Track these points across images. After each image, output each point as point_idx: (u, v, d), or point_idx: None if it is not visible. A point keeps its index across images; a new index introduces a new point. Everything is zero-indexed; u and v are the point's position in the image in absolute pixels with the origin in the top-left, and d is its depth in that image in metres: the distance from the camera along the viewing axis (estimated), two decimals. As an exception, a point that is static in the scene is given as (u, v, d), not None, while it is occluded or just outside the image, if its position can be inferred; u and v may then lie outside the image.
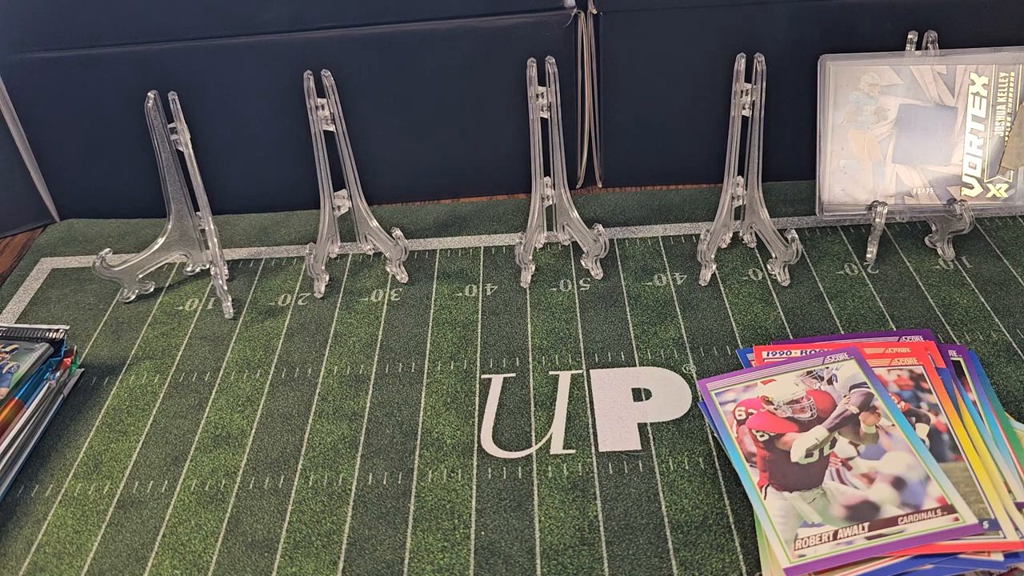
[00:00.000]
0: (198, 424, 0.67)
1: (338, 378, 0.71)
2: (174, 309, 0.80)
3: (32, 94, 0.88)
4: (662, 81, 0.88)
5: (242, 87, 0.88)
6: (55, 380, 0.69)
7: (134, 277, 0.81)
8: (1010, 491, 0.53)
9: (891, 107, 0.79)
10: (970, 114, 0.79)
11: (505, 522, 0.58)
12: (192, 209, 0.82)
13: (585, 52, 0.87)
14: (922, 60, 0.79)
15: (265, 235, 0.90)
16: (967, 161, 0.80)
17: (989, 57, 0.78)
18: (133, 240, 0.88)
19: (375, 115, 0.89)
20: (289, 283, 0.82)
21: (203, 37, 0.85)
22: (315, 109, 0.78)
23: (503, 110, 0.88)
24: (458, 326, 0.75)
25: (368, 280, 0.82)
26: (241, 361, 0.73)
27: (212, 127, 0.87)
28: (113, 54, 0.85)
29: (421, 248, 0.86)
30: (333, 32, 0.85)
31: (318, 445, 0.65)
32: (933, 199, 0.80)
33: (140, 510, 0.60)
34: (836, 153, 0.81)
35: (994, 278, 0.77)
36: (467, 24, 0.85)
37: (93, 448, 0.66)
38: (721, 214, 0.80)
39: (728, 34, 0.84)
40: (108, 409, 0.69)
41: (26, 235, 0.93)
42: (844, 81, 0.79)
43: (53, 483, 0.63)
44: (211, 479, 0.62)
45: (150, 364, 0.74)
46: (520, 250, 0.79)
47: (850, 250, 0.82)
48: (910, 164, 0.80)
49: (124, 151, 0.89)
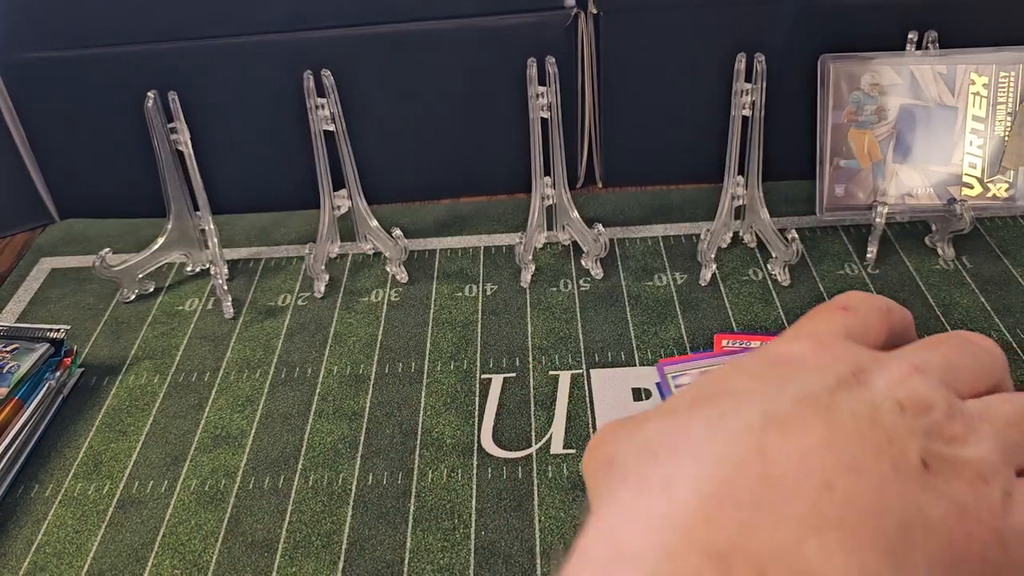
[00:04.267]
0: (198, 424, 0.67)
1: (338, 378, 0.71)
2: (174, 309, 0.80)
3: (32, 94, 0.88)
4: (662, 81, 0.88)
5: (242, 87, 0.88)
6: (55, 380, 0.69)
7: (134, 277, 0.81)
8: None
9: (891, 107, 0.79)
10: (970, 114, 0.79)
11: (505, 522, 0.58)
12: (192, 209, 0.82)
13: (585, 52, 0.87)
14: (922, 60, 0.79)
15: (265, 235, 0.90)
16: (967, 161, 0.80)
17: (989, 57, 0.78)
18: (133, 240, 0.88)
19: (375, 115, 0.89)
20: (289, 283, 0.82)
21: (203, 37, 0.85)
22: (315, 109, 0.78)
23: (503, 110, 0.88)
24: (458, 326, 0.75)
25: (368, 280, 0.82)
26: (241, 361, 0.73)
27: (212, 127, 0.87)
28: (113, 54, 0.85)
29: (421, 248, 0.86)
30: (333, 32, 0.85)
31: (318, 445, 0.65)
32: (933, 199, 0.80)
33: (140, 510, 0.60)
34: (836, 153, 0.81)
35: (994, 278, 0.77)
36: (467, 24, 0.85)
37: (93, 448, 0.66)
38: (721, 214, 0.80)
39: (728, 34, 0.84)
40: (108, 409, 0.69)
41: (26, 235, 0.93)
42: (844, 81, 0.79)
43: (53, 483, 0.63)
44: (211, 479, 0.62)
45: (150, 364, 0.73)
46: (520, 250, 0.79)
47: (850, 250, 0.82)
48: (910, 164, 0.80)
49: (124, 151, 0.89)
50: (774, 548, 0.21)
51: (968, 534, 0.24)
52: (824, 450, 0.24)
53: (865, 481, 0.23)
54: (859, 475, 0.23)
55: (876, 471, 0.24)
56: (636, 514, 0.24)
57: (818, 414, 0.25)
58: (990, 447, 0.26)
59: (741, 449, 0.24)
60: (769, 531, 0.21)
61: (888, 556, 0.22)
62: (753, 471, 0.23)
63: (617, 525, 0.24)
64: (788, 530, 0.21)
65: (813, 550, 0.21)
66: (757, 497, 0.22)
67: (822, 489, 0.23)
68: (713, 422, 0.25)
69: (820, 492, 0.22)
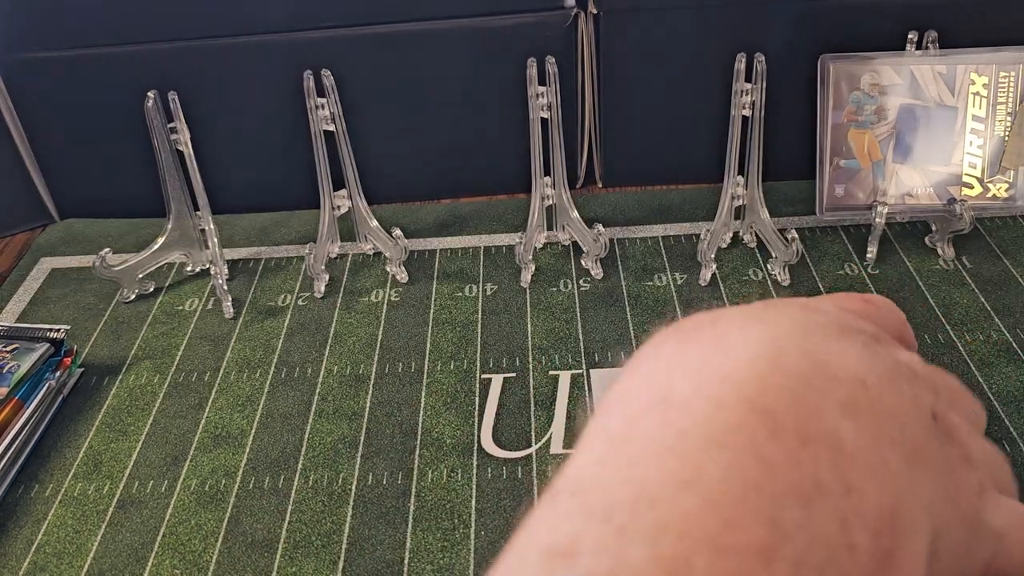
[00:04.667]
0: (198, 424, 0.67)
1: (338, 378, 0.71)
2: (174, 309, 0.80)
3: (32, 94, 0.88)
4: (662, 81, 0.88)
5: (242, 86, 0.87)
6: (55, 380, 0.68)
7: (134, 277, 0.81)
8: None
9: (891, 107, 0.79)
10: (970, 114, 0.79)
11: (505, 522, 0.58)
12: (192, 209, 0.82)
13: (585, 52, 0.87)
14: (922, 60, 0.78)
15: (265, 235, 0.90)
16: (967, 161, 0.80)
17: (989, 57, 0.78)
18: (133, 240, 0.88)
19: (375, 115, 0.89)
20: (289, 283, 0.82)
21: (203, 37, 0.85)
22: (315, 109, 0.78)
23: (503, 110, 0.88)
24: (458, 326, 0.75)
25: (368, 280, 0.82)
26: (241, 361, 0.73)
27: (212, 127, 0.87)
28: (113, 53, 0.85)
29: (421, 248, 0.86)
30: (333, 32, 0.85)
31: (318, 445, 0.65)
32: (933, 199, 0.80)
33: (140, 510, 0.60)
34: (836, 153, 0.81)
35: (994, 278, 0.77)
36: (467, 24, 0.85)
37: (93, 448, 0.66)
38: (721, 214, 0.80)
39: (728, 33, 0.84)
40: (108, 409, 0.69)
41: (26, 235, 0.93)
42: (844, 81, 0.79)
43: (53, 483, 0.63)
44: (211, 479, 0.62)
45: (150, 364, 0.73)
46: (520, 250, 0.79)
47: (850, 250, 0.82)
48: (910, 164, 0.80)
49: (124, 151, 0.89)
50: (817, 421, 0.21)
51: (957, 491, 0.24)
52: (858, 356, 0.25)
53: (891, 394, 0.24)
54: (888, 385, 0.24)
55: (900, 391, 0.24)
56: (685, 361, 0.24)
57: (856, 338, 0.26)
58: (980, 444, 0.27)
59: (787, 326, 0.25)
60: (814, 405, 0.21)
61: (907, 464, 0.22)
62: (799, 347, 0.24)
63: (663, 369, 0.24)
64: (830, 409, 0.22)
65: (849, 433, 0.21)
66: (805, 373, 0.22)
67: (857, 383, 0.23)
68: (757, 311, 0.26)
69: (855, 385, 0.23)
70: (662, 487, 0.20)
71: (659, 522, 0.19)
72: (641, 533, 0.19)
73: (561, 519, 0.22)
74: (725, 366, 0.23)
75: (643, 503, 0.20)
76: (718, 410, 0.21)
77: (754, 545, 0.18)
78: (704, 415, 0.21)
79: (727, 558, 0.18)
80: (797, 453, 0.20)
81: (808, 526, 0.19)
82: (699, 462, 0.20)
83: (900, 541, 0.20)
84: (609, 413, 0.24)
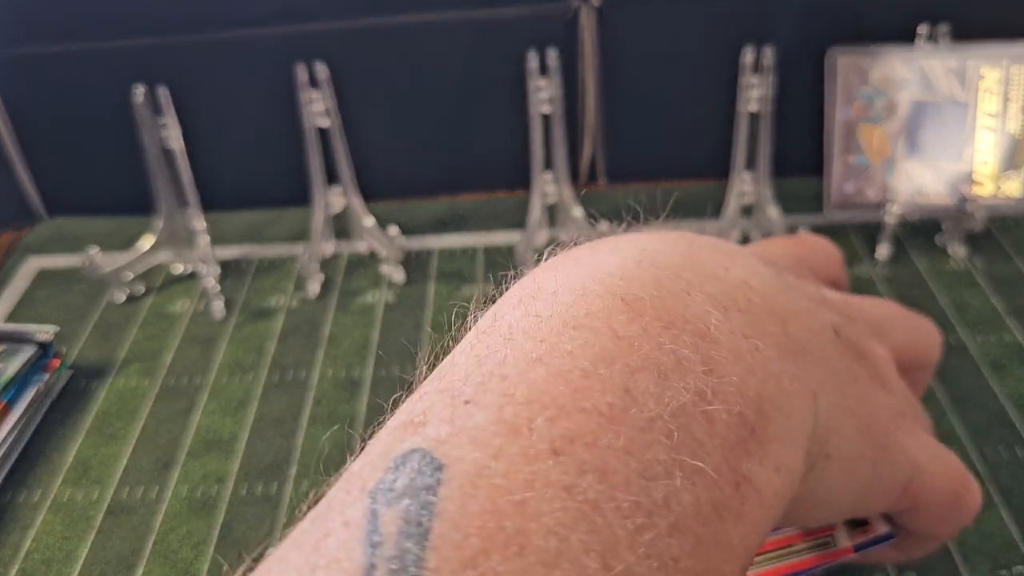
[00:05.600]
0: (189, 428, 0.66)
1: (332, 381, 0.69)
2: (164, 310, 0.78)
3: (18, 89, 0.86)
4: (667, 75, 0.86)
5: (234, 81, 0.86)
6: (43, 383, 0.67)
7: (123, 277, 0.79)
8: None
9: (902, 102, 0.78)
10: (982, 110, 0.77)
11: (505, 531, 0.56)
12: (182, 206, 0.80)
13: (587, 45, 0.85)
14: (934, 54, 0.77)
15: (257, 233, 0.88)
16: (979, 158, 0.78)
17: (1002, 51, 0.76)
18: (122, 238, 0.86)
19: (370, 109, 0.87)
20: (282, 283, 0.81)
21: (194, 30, 0.83)
22: (308, 103, 0.76)
23: (503, 104, 0.87)
24: (456, 327, 0.74)
25: (363, 280, 0.80)
26: (232, 363, 0.71)
27: (202, 122, 0.86)
28: (101, 48, 0.84)
29: (418, 247, 0.84)
30: (327, 24, 0.83)
31: (312, 450, 0.63)
32: (944, 197, 0.79)
33: (130, 516, 0.59)
34: (845, 149, 0.79)
35: (1007, 278, 0.75)
36: (466, 16, 0.83)
37: (82, 453, 0.64)
38: (728, 211, 0.79)
39: (735, 27, 0.82)
40: (97, 413, 0.67)
41: (12, 234, 0.92)
42: (854, 75, 0.77)
43: (41, 488, 0.61)
44: (202, 485, 0.61)
45: (140, 366, 0.72)
46: (521, 249, 0.78)
47: (859, 248, 0.80)
48: (921, 161, 0.79)
49: (112, 148, 0.87)
50: (683, 307, 0.22)
51: (859, 402, 0.26)
52: (748, 267, 0.26)
53: (779, 299, 0.25)
54: (779, 294, 0.25)
55: (792, 300, 0.26)
56: (560, 266, 0.25)
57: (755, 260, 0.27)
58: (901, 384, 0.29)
59: (674, 238, 0.27)
60: (682, 296, 0.22)
61: (783, 355, 0.23)
62: (677, 250, 0.25)
63: (540, 273, 0.26)
64: (699, 300, 0.23)
65: (716, 320, 0.22)
66: (677, 269, 0.24)
67: (740, 284, 0.24)
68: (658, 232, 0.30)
69: (738, 285, 0.24)
70: (514, 364, 0.21)
71: (506, 393, 0.20)
72: (486, 403, 0.20)
73: (418, 400, 0.25)
74: (596, 263, 0.24)
75: (494, 380, 0.21)
76: (580, 298, 0.22)
77: (600, 408, 0.19)
78: (565, 303, 0.22)
79: (570, 419, 0.19)
80: (657, 333, 0.21)
81: (661, 395, 0.20)
82: (554, 341, 0.21)
83: (765, 422, 0.21)
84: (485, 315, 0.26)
